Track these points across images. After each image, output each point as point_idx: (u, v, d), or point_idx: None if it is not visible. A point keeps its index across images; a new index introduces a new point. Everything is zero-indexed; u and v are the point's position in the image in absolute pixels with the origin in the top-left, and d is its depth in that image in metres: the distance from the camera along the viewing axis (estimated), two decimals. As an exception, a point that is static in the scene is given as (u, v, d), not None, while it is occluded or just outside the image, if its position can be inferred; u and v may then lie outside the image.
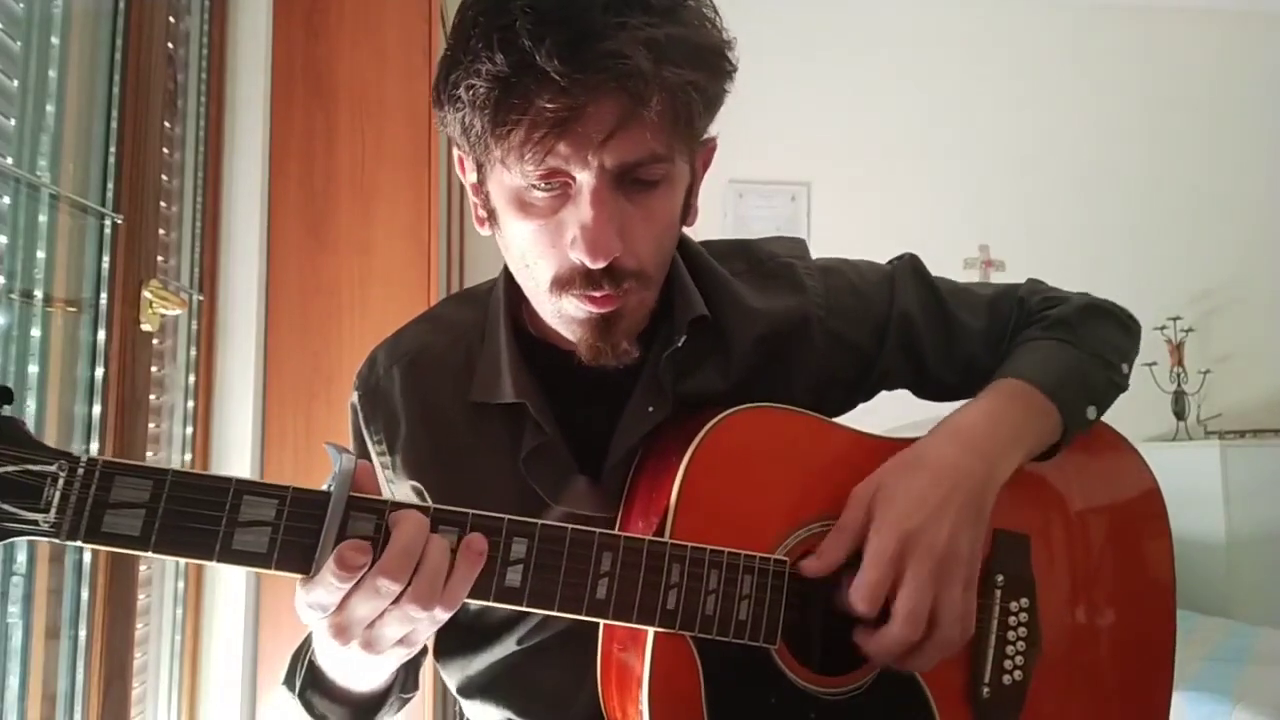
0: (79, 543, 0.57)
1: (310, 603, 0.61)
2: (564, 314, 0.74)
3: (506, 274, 0.85)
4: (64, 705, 1.22)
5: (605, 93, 0.64)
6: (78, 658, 1.25)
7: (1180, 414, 3.25)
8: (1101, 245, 3.43)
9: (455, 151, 0.78)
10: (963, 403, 0.85)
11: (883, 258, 0.97)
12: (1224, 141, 3.56)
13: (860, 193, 3.36)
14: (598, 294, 0.71)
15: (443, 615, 0.62)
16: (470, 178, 0.77)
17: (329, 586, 0.59)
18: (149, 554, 0.58)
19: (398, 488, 0.84)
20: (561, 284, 0.72)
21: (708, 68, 0.69)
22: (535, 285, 0.74)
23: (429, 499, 0.82)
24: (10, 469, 0.56)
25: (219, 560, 0.59)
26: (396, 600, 0.60)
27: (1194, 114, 3.56)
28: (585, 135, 0.65)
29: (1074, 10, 3.55)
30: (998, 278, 3.36)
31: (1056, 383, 0.82)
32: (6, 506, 0.55)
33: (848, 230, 3.28)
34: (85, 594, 1.27)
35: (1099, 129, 3.51)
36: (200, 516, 0.59)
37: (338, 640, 0.62)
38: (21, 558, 1.15)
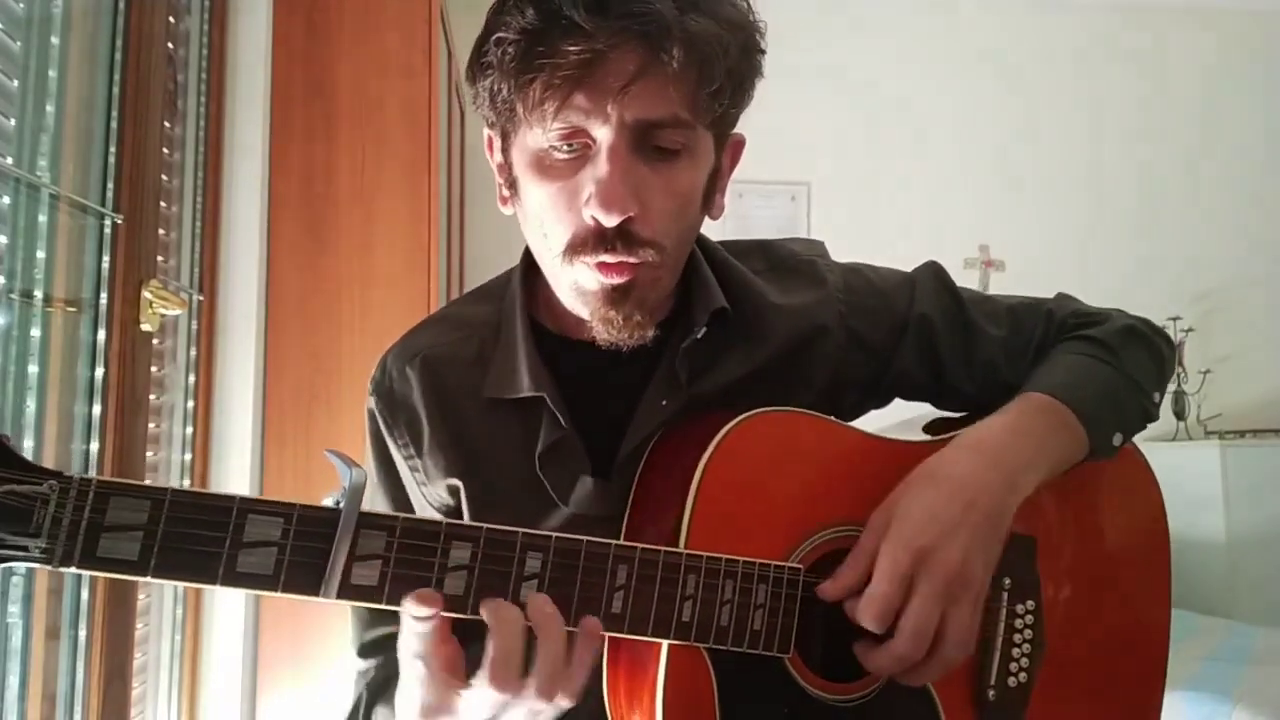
0: (73, 569, 0.53)
1: (428, 707, 0.60)
2: (577, 285, 0.73)
3: (522, 266, 0.84)
4: (64, 705, 1.22)
5: (627, 39, 0.65)
6: (78, 658, 1.25)
7: (1180, 414, 3.25)
8: (1101, 245, 3.43)
9: (486, 133, 0.78)
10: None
11: (882, 258, 0.96)
12: (1224, 142, 3.56)
13: (860, 193, 3.36)
14: (611, 259, 0.70)
15: (566, 703, 0.61)
16: (496, 157, 0.77)
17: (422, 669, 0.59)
18: (148, 579, 0.55)
19: (431, 490, 0.83)
20: (575, 248, 0.71)
21: (734, 31, 0.69)
22: (550, 254, 0.73)
23: (465, 498, 0.81)
24: None
25: (223, 584, 0.56)
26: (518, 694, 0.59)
27: (1194, 114, 3.56)
28: (604, 85, 0.66)
29: (1074, 11, 3.55)
30: (997, 278, 3.36)
31: (1088, 403, 0.79)
32: None
33: (848, 230, 3.27)
34: (85, 594, 1.27)
35: (1099, 129, 3.51)
36: (202, 538, 0.55)
37: None
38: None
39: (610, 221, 0.68)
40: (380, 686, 0.81)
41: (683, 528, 0.69)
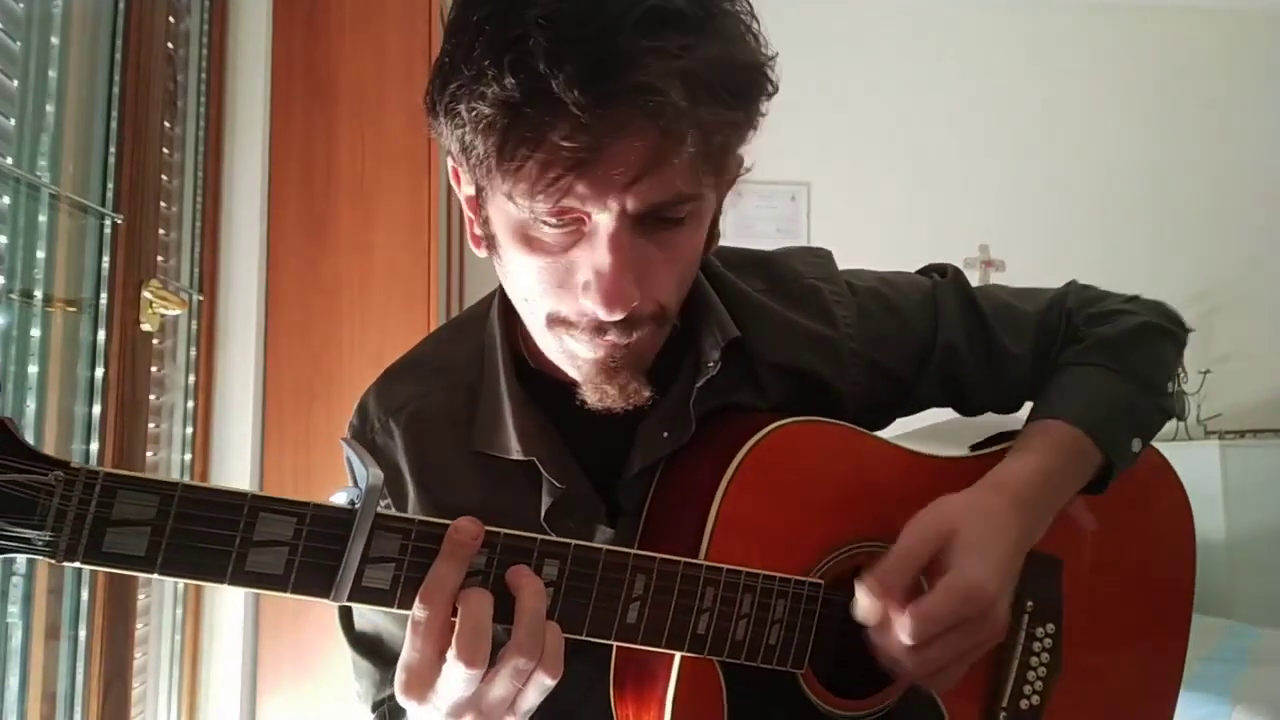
0: (77, 564, 0.51)
1: (456, 704, 0.58)
2: (567, 350, 0.67)
3: (503, 296, 0.77)
4: (64, 705, 1.22)
5: (632, 132, 0.56)
6: (78, 658, 1.25)
7: (1180, 414, 3.24)
8: (1101, 245, 3.43)
9: (450, 162, 0.69)
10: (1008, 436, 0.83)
11: (882, 258, 0.94)
12: (1224, 142, 3.56)
13: (860, 193, 3.36)
14: (607, 340, 0.65)
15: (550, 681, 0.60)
16: (467, 190, 0.69)
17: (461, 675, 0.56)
18: (154, 575, 0.53)
19: None
20: (566, 324, 0.65)
21: (747, 96, 0.61)
22: (536, 322, 0.68)
23: None
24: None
25: (231, 583, 0.54)
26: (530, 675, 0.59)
27: (1194, 114, 3.56)
28: (607, 177, 0.57)
29: (1074, 11, 3.55)
30: (997, 278, 3.36)
31: (1101, 423, 0.78)
32: None
33: (848, 230, 3.28)
34: (85, 594, 1.27)
35: (1099, 129, 3.51)
36: (211, 535, 0.54)
37: None
38: (21, 558, 1.15)
39: (613, 318, 0.62)
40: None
41: (704, 542, 0.67)
